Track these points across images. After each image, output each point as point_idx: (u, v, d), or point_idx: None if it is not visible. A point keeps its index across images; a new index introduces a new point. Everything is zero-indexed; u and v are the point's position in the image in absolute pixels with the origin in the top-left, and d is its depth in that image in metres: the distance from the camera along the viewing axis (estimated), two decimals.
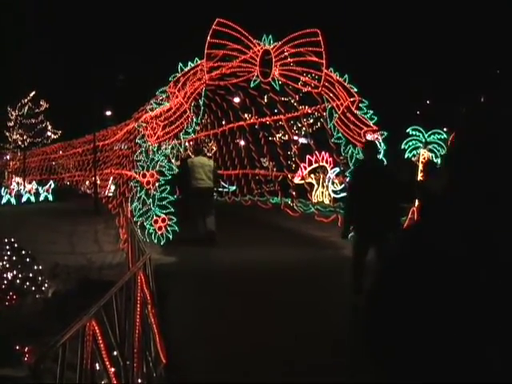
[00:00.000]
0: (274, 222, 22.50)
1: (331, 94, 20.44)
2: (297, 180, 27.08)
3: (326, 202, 26.81)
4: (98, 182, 35.10)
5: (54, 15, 67.25)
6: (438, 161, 26.69)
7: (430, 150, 26.92)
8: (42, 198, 41.57)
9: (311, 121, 40.24)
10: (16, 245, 12.80)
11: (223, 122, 31.64)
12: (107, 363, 4.88)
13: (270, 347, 8.06)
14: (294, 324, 8.98)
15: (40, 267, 12.59)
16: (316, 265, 13.96)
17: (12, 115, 61.32)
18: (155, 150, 18.33)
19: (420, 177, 26.87)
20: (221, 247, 16.66)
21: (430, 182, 12.74)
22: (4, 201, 39.99)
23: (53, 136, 62.71)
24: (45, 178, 50.70)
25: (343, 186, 24.93)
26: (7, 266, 12.19)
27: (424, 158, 27.13)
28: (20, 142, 61.54)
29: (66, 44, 65.59)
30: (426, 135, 27.07)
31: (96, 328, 4.59)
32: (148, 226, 17.76)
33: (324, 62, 19.98)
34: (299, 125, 42.91)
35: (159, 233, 17.74)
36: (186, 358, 7.78)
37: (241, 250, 15.89)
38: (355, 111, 19.94)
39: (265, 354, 7.77)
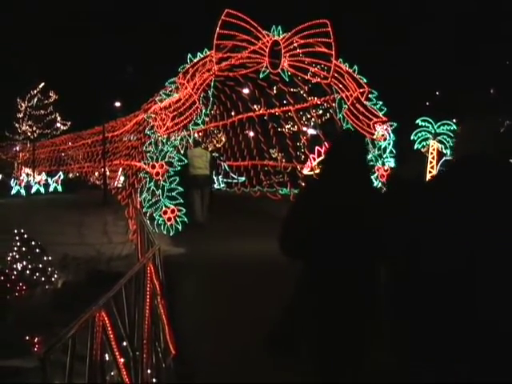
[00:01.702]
0: (283, 214, 22.41)
1: (340, 85, 20.40)
2: (306, 171, 27.00)
3: None
4: (108, 173, 35.10)
5: (64, 4, 67.28)
6: (448, 152, 26.66)
7: (440, 141, 26.89)
8: (51, 189, 41.66)
9: (320, 112, 40.06)
10: (25, 236, 12.82)
11: (232, 113, 31.54)
12: (117, 354, 4.88)
13: None
14: None
15: (49, 258, 12.62)
16: None
17: (21, 106, 61.52)
18: (164, 141, 18.32)
19: (430, 168, 26.83)
20: (230, 239, 16.65)
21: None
22: (14, 192, 40.13)
23: (62, 127, 62.89)
24: (54, 169, 50.78)
25: None
26: (17, 256, 12.23)
27: (433, 149, 27.09)
28: (29, 134, 61.78)
29: (75, 35, 65.59)
30: (435, 126, 27.02)
31: (105, 319, 4.60)
32: (157, 217, 17.78)
33: (333, 52, 19.93)
34: (308, 116, 42.64)
35: (168, 224, 17.76)
36: (195, 349, 7.80)
37: (250, 242, 15.88)
38: (365, 102, 19.90)
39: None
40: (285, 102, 29.04)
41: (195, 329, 8.69)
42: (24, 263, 12.05)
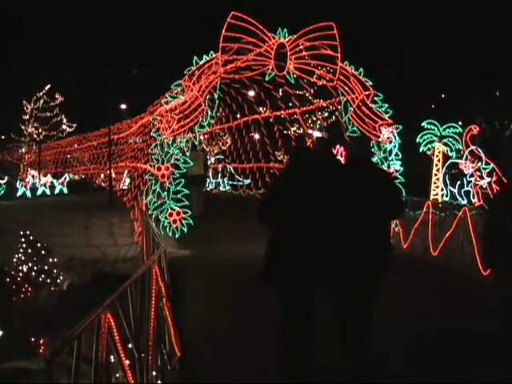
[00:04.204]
0: None
1: (346, 88, 20.37)
2: None
3: None
4: (113, 175, 35.15)
5: (70, 7, 67.47)
6: (454, 154, 26.59)
7: (445, 144, 26.81)
8: (57, 191, 41.73)
9: (326, 114, 40.08)
10: (31, 237, 12.82)
11: (238, 116, 31.56)
12: (122, 356, 4.88)
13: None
14: None
15: (55, 260, 12.63)
16: None
17: (27, 108, 61.52)
18: (170, 143, 18.34)
19: (435, 171, 26.78)
20: (236, 241, 16.67)
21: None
22: (19, 194, 40.18)
23: (68, 129, 62.89)
24: (60, 171, 50.86)
25: None
26: (23, 258, 12.23)
27: (439, 152, 27.03)
28: (35, 136, 61.74)
29: (81, 38, 65.72)
30: (441, 129, 26.95)
31: (111, 320, 4.60)
32: (163, 219, 17.79)
33: (339, 55, 19.90)
34: (314, 118, 42.69)
35: (174, 226, 17.78)
36: (200, 351, 7.80)
37: (255, 244, 15.83)
38: (370, 105, 19.86)
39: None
40: (290, 104, 29.04)
41: (200, 331, 8.69)
42: (30, 265, 12.06)
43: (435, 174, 26.94)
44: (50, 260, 12.49)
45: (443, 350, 7.85)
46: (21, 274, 11.71)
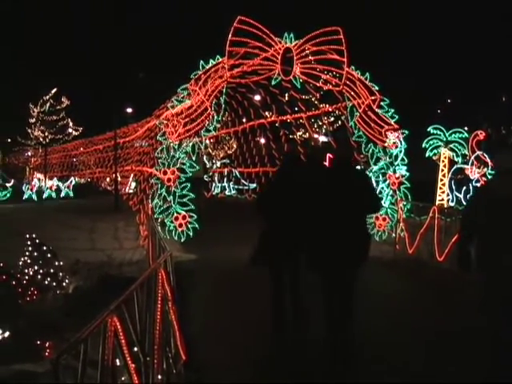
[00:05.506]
0: None
1: (352, 93, 20.36)
2: None
3: None
4: (119, 178, 35.17)
5: (75, 11, 67.64)
6: (460, 160, 26.57)
7: (451, 149, 26.80)
8: (62, 195, 41.82)
9: (332, 119, 40.07)
10: (37, 240, 12.82)
11: (244, 120, 31.63)
12: (128, 359, 4.88)
13: (287, 346, 8.05)
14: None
15: (61, 263, 12.64)
16: None
17: (34, 112, 61.72)
18: (176, 147, 18.36)
19: (441, 176, 26.73)
20: (241, 245, 16.63)
21: None
22: (25, 197, 40.27)
23: (74, 133, 63.09)
24: (66, 174, 50.94)
25: None
26: (28, 261, 12.23)
27: (445, 157, 27.01)
28: (41, 139, 61.97)
29: (87, 41, 65.88)
30: (446, 134, 26.93)
31: (117, 324, 4.60)
32: (168, 223, 17.82)
33: (345, 60, 19.89)
34: (320, 123, 42.72)
35: (179, 230, 17.81)
36: (205, 355, 7.79)
37: None
38: (376, 110, 19.86)
39: (282, 352, 7.76)
40: (296, 108, 29.06)
41: (206, 335, 8.69)
42: (35, 268, 12.06)
43: (441, 180, 26.94)
44: (56, 263, 12.49)
45: (444, 352, 7.84)
46: (27, 277, 11.72)
